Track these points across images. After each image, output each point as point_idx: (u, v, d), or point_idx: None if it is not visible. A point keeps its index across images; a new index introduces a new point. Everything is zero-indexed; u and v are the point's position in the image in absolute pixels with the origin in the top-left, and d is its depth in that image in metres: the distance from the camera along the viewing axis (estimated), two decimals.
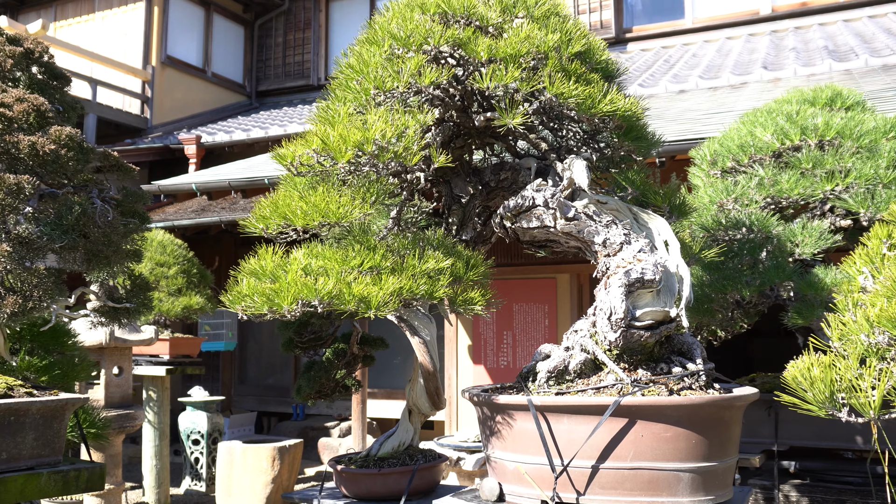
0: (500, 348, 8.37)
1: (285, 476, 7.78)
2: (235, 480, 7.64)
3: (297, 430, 10.39)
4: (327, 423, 10.51)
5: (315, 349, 3.16)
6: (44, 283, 2.15)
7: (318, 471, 9.38)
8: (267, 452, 7.63)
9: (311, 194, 2.04)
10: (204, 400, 8.49)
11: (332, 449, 9.89)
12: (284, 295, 1.87)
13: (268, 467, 7.64)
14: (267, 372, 11.68)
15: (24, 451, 2.29)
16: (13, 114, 2.23)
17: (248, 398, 11.41)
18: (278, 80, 14.11)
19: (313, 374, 3.01)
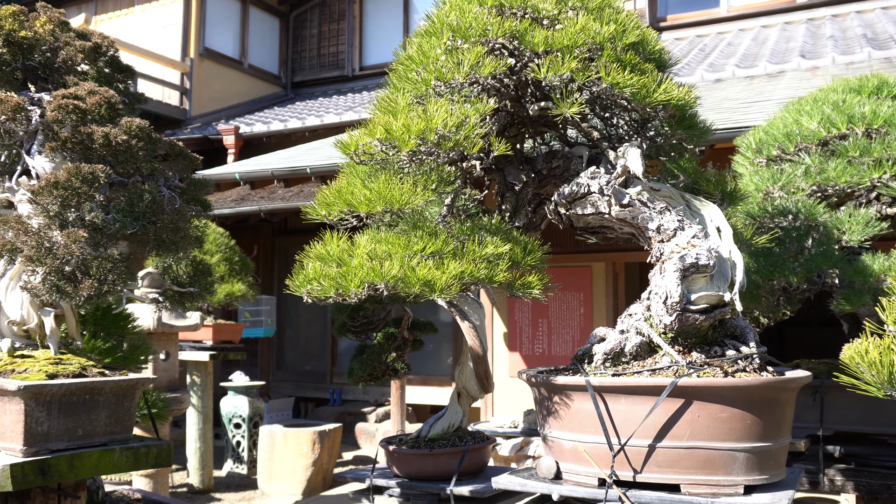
0: (536, 336, 8.42)
1: (325, 459, 7.92)
2: (277, 463, 7.79)
3: (334, 416, 10.55)
4: (364, 409, 10.65)
5: (366, 333, 3.25)
6: (117, 267, 2.25)
7: (356, 454, 9.53)
8: (307, 436, 7.78)
9: (373, 182, 2.11)
10: (245, 385, 8.66)
11: (368, 434, 10.03)
12: (352, 278, 1.95)
13: (308, 451, 7.79)
14: (304, 358, 11.85)
15: (98, 427, 2.40)
16: (87, 106, 2.33)
17: (286, 384, 11.59)
18: (313, 71, 14.23)
19: (365, 358, 3.10)
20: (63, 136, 2.24)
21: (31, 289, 2.25)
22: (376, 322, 3.21)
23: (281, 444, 7.80)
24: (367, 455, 9.56)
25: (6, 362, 2.43)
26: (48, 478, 2.25)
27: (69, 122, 2.28)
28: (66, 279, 2.21)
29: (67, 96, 2.29)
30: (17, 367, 2.40)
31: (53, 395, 2.26)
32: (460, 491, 2.99)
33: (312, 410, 11.43)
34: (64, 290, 2.20)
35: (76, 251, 2.17)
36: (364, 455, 9.58)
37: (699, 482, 1.95)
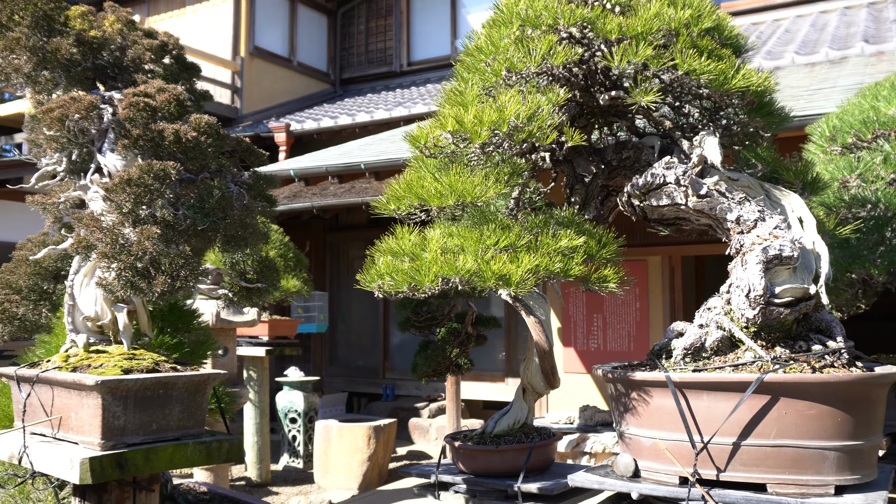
0: (591, 331, 8.33)
1: (380, 454, 7.95)
2: (332, 458, 7.85)
3: (387, 411, 10.58)
4: (417, 404, 10.67)
5: (430, 329, 3.22)
6: (189, 263, 2.26)
7: (410, 449, 9.55)
8: (363, 431, 7.81)
9: (443, 175, 2.08)
10: (300, 380, 8.73)
11: (422, 429, 10.04)
12: (426, 272, 1.93)
13: (364, 445, 7.82)
14: (356, 354, 11.91)
15: (172, 422, 2.42)
16: (157, 103, 2.34)
17: (339, 379, 11.67)
18: (361, 67, 14.28)
19: (430, 353, 3.08)
20: (135, 133, 2.26)
21: (106, 285, 2.27)
22: (440, 317, 3.19)
23: (336, 438, 7.85)
24: (421, 450, 9.57)
25: (82, 357, 2.47)
26: (125, 471, 2.27)
27: (140, 119, 2.29)
28: (139, 275, 2.22)
29: (138, 94, 2.31)
30: (92, 361, 2.43)
31: (129, 390, 2.29)
32: (528, 488, 2.95)
33: (365, 406, 11.49)
34: (138, 287, 2.21)
35: (149, 247, 2.18)
36: (418, 450, 9.60)
37: (787, 482, 1.88)
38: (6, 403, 3.04)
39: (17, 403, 2.55)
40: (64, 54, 2.40)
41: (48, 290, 2.78)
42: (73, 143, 2.35)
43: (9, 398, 3.06)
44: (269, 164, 9.82)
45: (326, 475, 7.90)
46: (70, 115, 2.25)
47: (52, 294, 2.81)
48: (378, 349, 11.67)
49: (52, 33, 2.43)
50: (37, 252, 2.74)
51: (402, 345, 11.69)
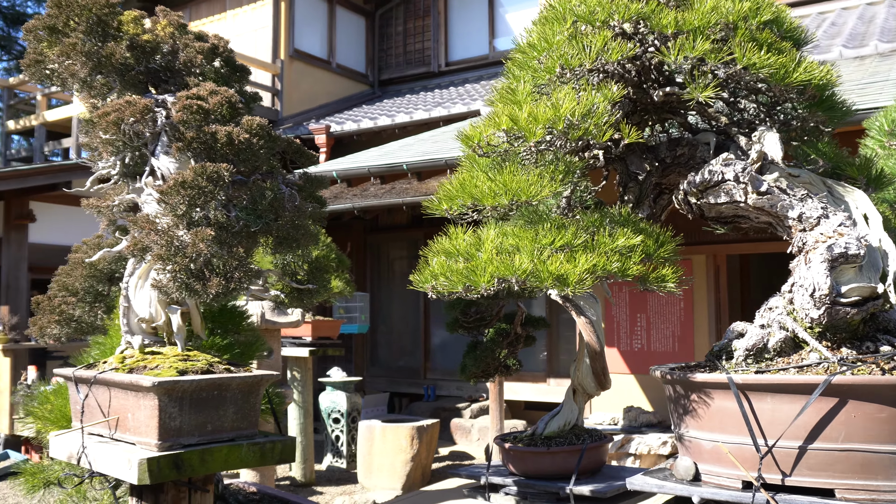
0: (634, 331, 8.24)
1: (424, 454, 7.95)
2: (376, 458, 7.86)
3: (429, 411, 10.58)
4: (458, 405, 10.65)
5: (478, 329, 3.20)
6: (243, 265, 2.27)
7: (452, 450, 9.54)
8: (406, 431, 7.82)
9: (497, 174, 2.06)
10: (343, 380, 8.77)
11: (464, 429, 10.02)
12: (481, 273, 1.91)
13: (407, 446, 7.83)
14: (397, 354, 11.93)
15: (226, 423, 2.43)
16: (209, 106, 2.36)
17: (380, 379, 11.70)
18: (399, 68, 14.31)
19: (479, 354, 3.06)
20: (188, 136, 2.27)
21: (161, 287, 2.29)
22: (488, 318, 3.16)
23: (380, 439, 7.86)
24: (463, 450, 9.56)
25: (138, 358, 2.49)
26: (181, 472, 2.29)
27: (193, 122, 2.31)
28: (194, 277, 2.24)
29: (192, 97, 2.33)
30: (148, 363, 2.45)
31: (185, 391, 2.30)
32: (580, 490, 2.92)
33: (407, 406, 11.51)
34: (193, 289, 2.23)
35: (204, 249, 2.19)
36: (460, 450, 9.59)
37: (856, 487, 1.82)
38: (62, 404, 3.09)
39: (75, 404, 2.59)
40: (118, 59, 2.43)
41: (103, 291, 2.82)
42: (128, 146, 2.37)
43: (64, 398, 3.11)
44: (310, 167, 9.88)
45: (370, 475, 7.92)
46: (125, 119, 2.27)
47: (106, 296, 2.85)
48: (419, 349, 11.68)
49: (106, 38, 2.46)
50: (92, 255, 2.78)
51: (442, 345, 11.69)
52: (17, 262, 8.77)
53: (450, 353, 11.65)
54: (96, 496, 3.08)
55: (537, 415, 10.43)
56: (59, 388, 3.24)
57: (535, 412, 10.41)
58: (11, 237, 8.75)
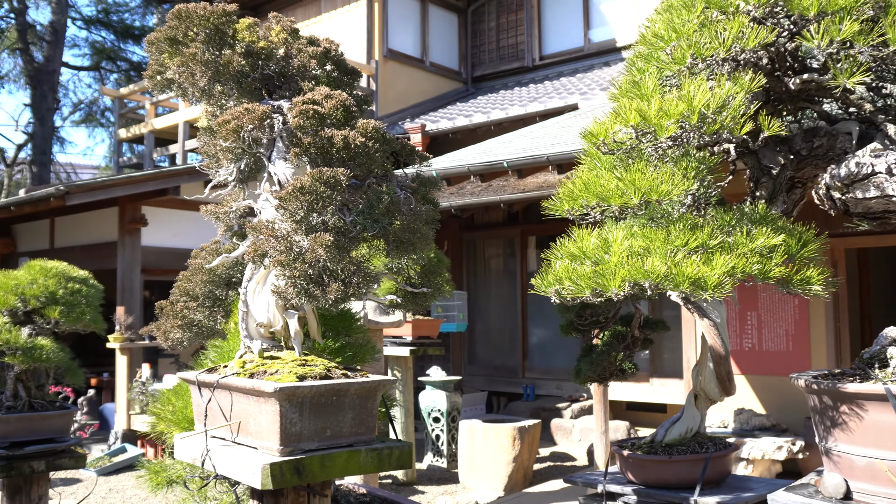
0: (744, 330, 7.92)
1: (525, 455, 7.86)
2: (477, 458, 7.83)
3: (528, 411, 10.48)
4: (558, 404, 10.51)
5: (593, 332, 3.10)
6: (361, 270, 2.24)
7: (553, 451, 9.41)
8: (507, 432, 7.75)
9: (624, 172, 1.96)
10: (443, 380, 8.77)
11: (564, 430, 9.88)
12: (611, 277, 1.82)
13: (508, 446, 7.76)
14: (495, 353, 11.88)
15: (345, 428, 2.42)
16: (325, 110, 2.34)
17: (478, 378, 11.68)
18: (493, 64, 14.23)
19: (595, 358, 2.95)
20: (305, 141, 2.26)
21: (281, 292, 2.29)
22: (604, 321, 3.06)
23: (481, 439, 7.82)
24: (565, 451, 9.42)
25: (258, 363, 2.51)
26: (303, 477, 2.28)
27: (310, 127, 2.30)
28: (313, 283, 2.22)
29: (308, 102, 2.32)
30: (268, 368, 2.46)
31: (305, 397, 2.30)
32: (705, 501, 2.78)
33: (505, 405, 11.44)
34: (312, 294, 2.22)
35: (323, 255, 2.18)
36: (561, 451, 9.46)
37: None
38: (183, 405, 3.15)
39: (198, 407, 2.63)
40: (235, 66, 2.45)
41: (221, 296, 2.86)
42: (246, 153, 2.39)
43: (185, 400, 3.18)
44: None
45: (471, 475, 7.89)
46: (244, 126, 2.28)
47: (224, 300, 2.89)
48: (517, 348, 11.59)
49: (223, 47, 2.49)
50: (210, 260, 2.82)
51: (540, 344, 11.56)
52: (131, 264, 9.14)
53: (548, 352, 11.51)
54: (215, 496, 3.14)
55: (639, 415, 10.18)
56: (178, 389, 3.31)
57: (638, 412, 10.17)
58: (126, 241, 9.14)
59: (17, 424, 3.94)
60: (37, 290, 3.97)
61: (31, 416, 3.98)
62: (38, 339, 3.97)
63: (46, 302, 4.01)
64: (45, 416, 4.04)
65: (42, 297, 3.99)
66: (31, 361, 3.86)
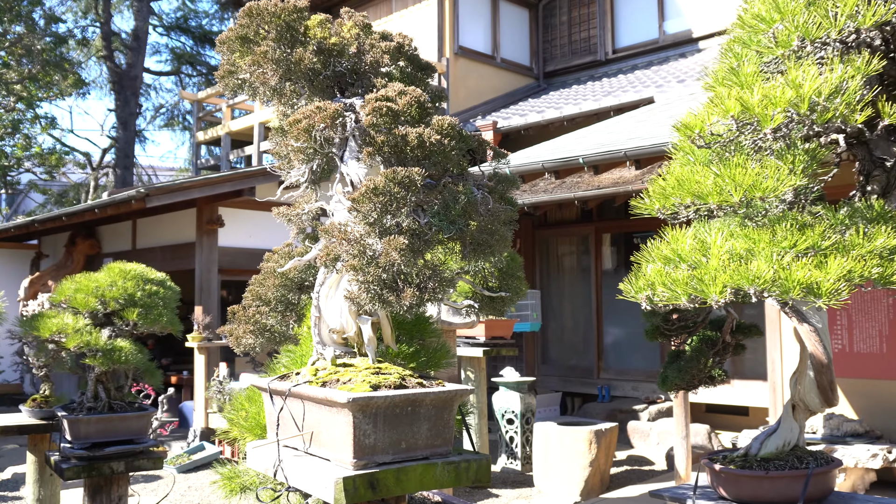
0: (833, 331, 7.53)
1: (602, 460, 7.66)
2: (552, 461, 7.66)
3: (604, 413, 10.24)
4: (635, 406, 10.24)
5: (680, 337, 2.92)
6: (437, 274, 2.13)
7: (630, 454, 9.17)
8: (584, 435, 7.56)
9: (723, 168, 1.79)
10: (516, 381, 8.63)
11: (642, 433, 9.61)
12: (711, 282, 1.66)
13: (585, 450, 7.57)
14: (569, 353, 11.66)
15: (420, 441, 2.31)
16: (398, 107, 2.24)
17: (552, 378, 11.48)
18: (564, 59, 13.99)
19: (683, 365, 2.77)
20: (379, 140, 2.17)
21: (353, 298, 2.19)
22: (692, 325, 2.87)
23: (556, 442, 7.65)
24: (642, 455, 9.17)
25: (330, 371, 2.43)
26: (377, 492, 2.19)
27: (383, 125, 2.20)
28: (387, 288, 2.13)
29: (381, 99, 2.22)
30: (340, 376, 2.38)
31: (378, 407, 2.20)
32: None
33: (579, 406, 11.21)
34: (386, 300, 2.12)
35: (397, 258, 2.08)
36: (638, 455, 9.20)
37: None
38: (256, 411, 3.11)
39: (270, 415, 2.56)
40: (306, 64, 2.37)
41: (294, 300, 2.79)
42: (318, 153, 2.30)
43: (258, 405, 3.13)
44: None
45: (546, 479, 7.72)
46: (316, 125, 2.20)
47: (297, 305, 2.82)
48: (591, 348, 11.35)
49: (294, 44, 2.41)
50: (283, 263, 2.75)
51: (616, 344, 11.29)
52: (208, 264, 9.29)
53: (624, 352, 11.23)
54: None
55: (720, 418, 9.83)
56: (251, 395, 3.27)
57: (718, 415, 9.82)
58: (203, 241, 9.28)
59: (98, 425, 3.98)
60: (116, 293, 4.00)
61: (110, 416, 4.02)
62: (118, 341, 4.00)
63: (125, 304, 4.04)
64: (125, 417, 4.08)
65: (121, 299, 4.02)
66: (110, 363, 3.89)
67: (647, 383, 10.82)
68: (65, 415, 3.97)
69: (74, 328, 3.76)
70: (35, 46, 16.24)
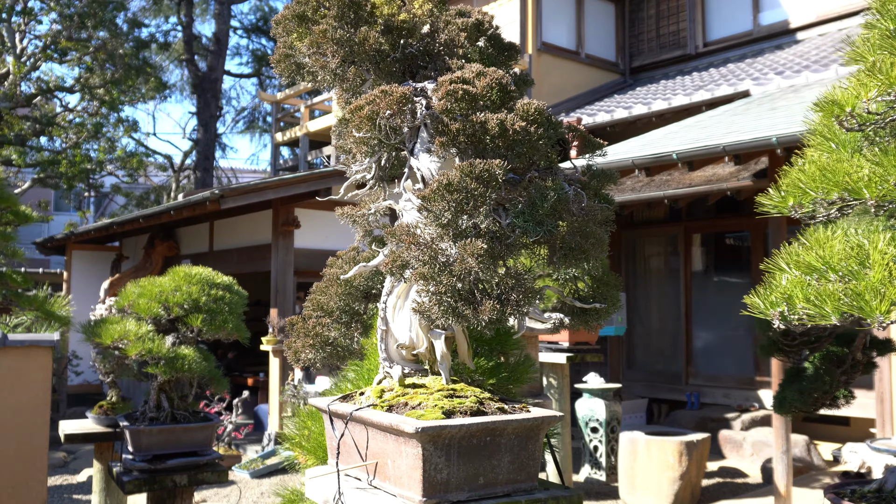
0: None
1: (693, 473, 7.20)
2: (639, 473, 7.24)
3: (693, 421, 9.72)
4: (726, 414, 9.68)
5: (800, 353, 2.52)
6: (522, 283, 1.82)
7: (722, 465, 8.64)
8: (673, 447, 7.13)
9: (883, 155, 1.42)
10: (601, 387, 8.24)
11: (734, 443, 9.07)
12: (874, 297, 1.29)
13: (675, 462, 7.12)
14: (656, 357, 11.15)
15: (500, 475, 2.00)
16: (476, 90, 1.93)
17: (637, 384, 10.99)
18: (652, 53, 13.43)
19: (806, 385, 2.37)
20: (454, 128, 1.86)
21: (424, 311, 1.90)
22: (817, 340, 2.47)
23: (643, 453, 7.23)
24: (734, 467, 8.63)
25: (398, 393, 2.14)
26: None
27: (458, 111, 1.90)
28: (462, 300, 1.82)
29: (456, 80, 1.92)
30: (409, 399, 2.09)
31: (452, 438, 1.90)
32: None
33: (667, 413, 10.69)
34: (461, 314, 1.82)
35: (474, 266, 1.77)
36: (730, 466, 8.66)
37: None
38: (319, 430, 2.85)
39: (330, 440, 2.30)
40: (372, 45, 2.09)
41: (359, 310, 2.52)
42: (384, 144, 2.02)
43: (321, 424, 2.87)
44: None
45: (633, 491, 7.31)
46: (381, 112, 1.91)
47: (362, 315, 2.55)
48: (680, 353, 10.81)
49: (358, 23, 2.14)
50: (347, 269, 2.48)
51: (706, 348, 10.73)
52: (284, 266, 9.19)
53: (715, 357, 10.66)
54: None
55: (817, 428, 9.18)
56: (314, 411, 3.01)
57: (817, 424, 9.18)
58: (279, 243, 9.19)
59: (160, 437, 3.82)
60: (180, 298, 3.83)
61: (173, 428, 3.85)
62: (181, 349, 3.83)
63: (189, 309, 3.86)
64: (188, 428, 3.90)
65: (185, 304, 3.84)
66: (173, 372, 3.72)
67: (739, 390, 10.22)
68: (126, 425, 3.82)
69: (136, 335, 3.59)
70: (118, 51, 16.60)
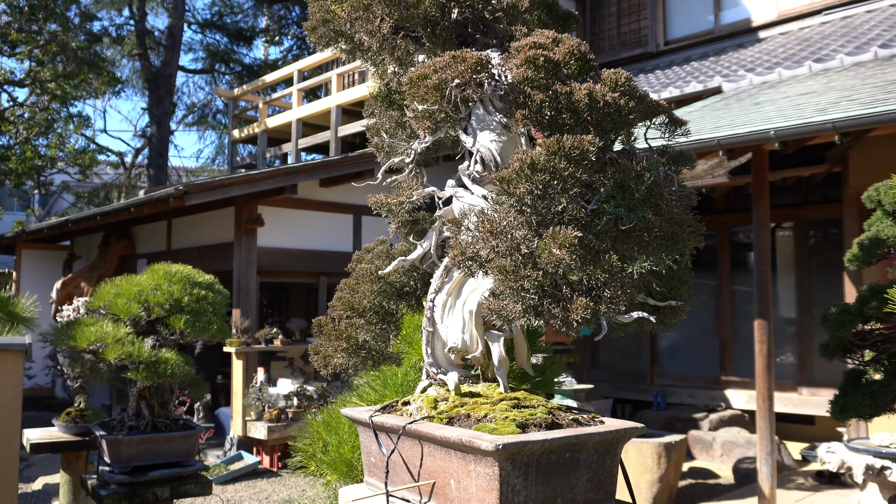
0: None
1: (672, 474, 7.10)
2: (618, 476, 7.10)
3: (660, 421, 9.65)
4: (694, 415, 9.64)
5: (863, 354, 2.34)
6: (616, 278, 1.58)
7: (692, 466, 8.58)
8: (652, 449, 7.01)
9: None
10: (573, 389, 8.08)
11: (704, 443, 9.03)
12: None
13: (653, 465, 7.00)
14: (620, 357, 11.08)
15: (579, 495, 1.77)
16: (558, 57, 1.69)
17: (602, 384, 10.89)
18: (613, 51, 13.38)
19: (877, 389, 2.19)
20: (537, 99, 1.62)
21: (499, 311, 1.65)
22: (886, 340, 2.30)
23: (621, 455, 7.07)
24: (705, 467, 8.58)
25: (455, 403, 1.88)
26: None
27: (538, 81, 1.65)
28: (549, 297, 1.58)
29: (535, 46, 1.67)
30: (470, 410, 1.83)
31: (532, 455, 1.66)
32: None
33: (631, 414, 10.61)
34: (549, 312, 1.57)
35: (565, 258, 1.53)
36: (701, 467, 8.61)
37: None
38: (337, 443, 2.57)
39: (370, 455, 2.03)
40: (427, 7, 1.83)
41: (392, 309, 2.25)
42: (449, 118, 1.76)
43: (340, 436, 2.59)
44: None
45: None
46: (450, 81, 1.66)
47: (395, 314, 2.28)
48: (645, 352, 10.76)
49: None
50: (379, 265, 2.22)
51: (672, 348, 10.69)
52: (247, 265, 8.80)
53: (681, 357, 10.63)
54: None
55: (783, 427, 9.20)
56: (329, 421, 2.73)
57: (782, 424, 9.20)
58: (242, 241, 8.79)
59: (140, 447, 3.48)
60: (161, 298, 3.49)
61: (154, 437, 3.51)
62: (162, 352, 3.49)
63: (171, 310, 3.52)
64: (170, 437, 3.57)
65: (167, 304, 3.51)
66: (155, 377, 3.38)
67: (705, 390, 10.21)
68: (104, 434, 3.46)
69: (115, 338, 3.25)
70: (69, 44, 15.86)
